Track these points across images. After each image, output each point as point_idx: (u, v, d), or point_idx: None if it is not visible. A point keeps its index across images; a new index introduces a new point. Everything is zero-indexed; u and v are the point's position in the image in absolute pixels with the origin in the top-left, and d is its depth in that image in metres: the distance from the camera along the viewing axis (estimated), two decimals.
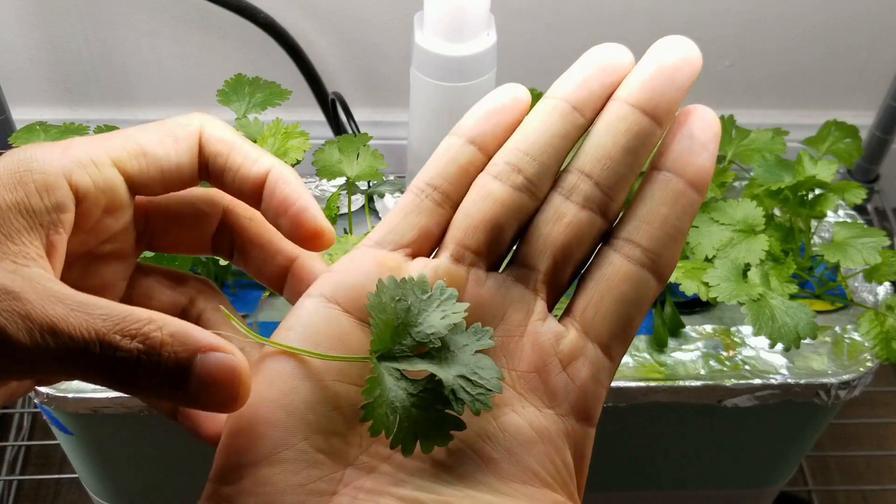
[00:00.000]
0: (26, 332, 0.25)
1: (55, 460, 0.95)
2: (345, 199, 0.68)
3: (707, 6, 0.91)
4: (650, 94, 0.28)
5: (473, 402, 0.26)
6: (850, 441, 0.99)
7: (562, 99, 0.29)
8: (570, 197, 0.29)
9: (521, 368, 0.28)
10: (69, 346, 0.25)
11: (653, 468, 0.75)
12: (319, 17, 0.90)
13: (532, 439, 0.27)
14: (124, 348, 0.25)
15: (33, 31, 0.91)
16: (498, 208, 0.29)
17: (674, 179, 0.29)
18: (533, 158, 0.29)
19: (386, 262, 0.29)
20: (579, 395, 0.28)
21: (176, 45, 0.92)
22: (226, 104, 0.65)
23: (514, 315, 0.29)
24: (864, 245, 0.61)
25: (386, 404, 0.26)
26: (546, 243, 0.29)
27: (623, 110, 0.29)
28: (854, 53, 0.97)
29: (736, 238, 0.62)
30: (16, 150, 0.28)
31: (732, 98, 0.98)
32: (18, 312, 0.25)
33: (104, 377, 0.25)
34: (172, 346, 0.25)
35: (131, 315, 0.26)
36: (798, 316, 0.58)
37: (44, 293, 0.25)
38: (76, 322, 0.25)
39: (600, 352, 0.29)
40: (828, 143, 0.69)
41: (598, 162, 0.29)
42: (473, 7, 0.60)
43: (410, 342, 0.27)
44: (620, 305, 0.29)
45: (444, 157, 0.30)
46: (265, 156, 0.30)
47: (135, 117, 0.97)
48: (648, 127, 0.29)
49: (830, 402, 0.64)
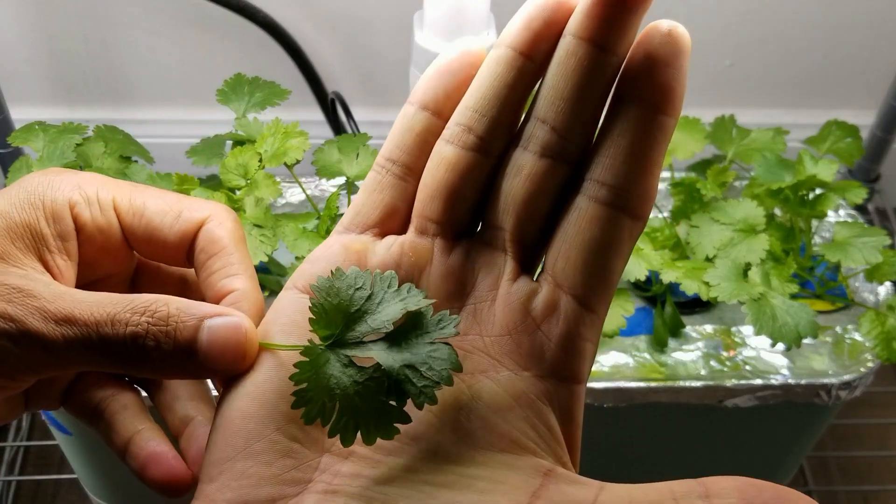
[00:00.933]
0: (44, 323, 0.26)
1: (54, 461, 0.95)
2: (344, 198, 0.68)
3: (707, 6, 0.91)
4: (597, 23, 0.26)
5: (418, 394, 0.25)
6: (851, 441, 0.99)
7: (507, 47, 0.27)
8: (527, 147, 0.27)
9: (494, 333, 0.27)
10: (84, 331, 0.27)
11: (653, 468, 0.75)
12: (319, 17, 0.90)
13: (508, 405, 0.26)
14: (135, 323, 0.27)
15: (32, 30, 0.91)
16: (451, 173, 0.28)
17: (635, 107, 0.26)
18: (482, 115, 0.27)
19: (353, 247, 0.29)
20: (557, 352, 0.27)
21: (175, 44, 0.92)
22: (225, 104, 0.65)
23: (484, 279, 0.28)
24: (865, 244, 0.61)
25: (324, 391, 0.25)
26: (508, 200, 0.28)
27: (572, 45, 0.26)
28: (855, 53, 0.97)
29: (736, 238, 0.62)
30: (39, 173, 0.31)
31: (733, 98, 0.98)
32: (35, 306, 0.27)
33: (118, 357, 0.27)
34: (179, 317, 0.27)
35: (138, 297, 0.28)
36: (799, 316, 0.58)
37: (55, 291, 0.27)
38: (87, 308, 0.27)
39: (576, 303, 0.27)
40: (828, 142, 0.69)
41: (551, 105, 0.27)
42: (473, 6, 0.60)
43: (365, 328, 0.26)
44: (590, 251, 0.27)
45: (400, 128, 0.29)
46: (241, 277, 0.31)
47: (134, 117, 0.97)
48: (600, 58, 0.26)
49: (831, 402, 0.63)
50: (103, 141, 0.64)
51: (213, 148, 0.64)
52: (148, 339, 0.27)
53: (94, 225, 0.31)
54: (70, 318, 0.27)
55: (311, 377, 0.26)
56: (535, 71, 0.27)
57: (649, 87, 0.26)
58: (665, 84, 0.26)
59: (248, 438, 0.26)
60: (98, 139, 0.64)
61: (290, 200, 0.72)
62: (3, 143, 0.78)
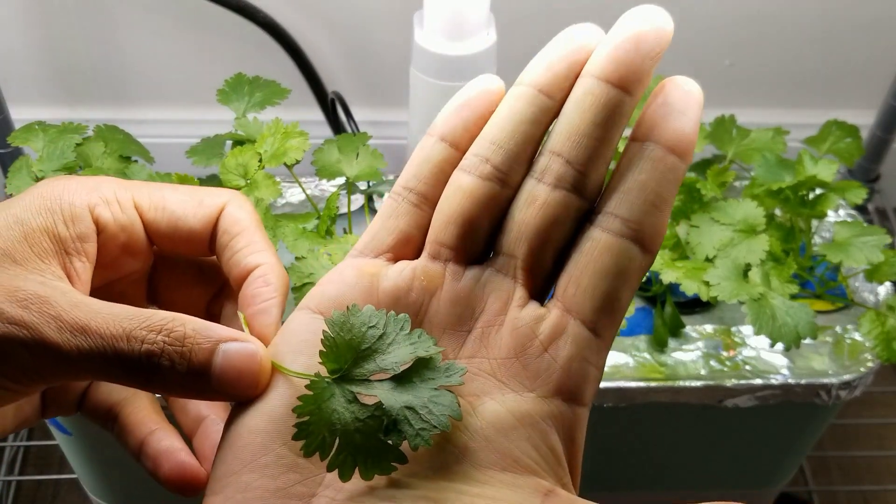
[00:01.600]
0: (58, 332, 0.26)
1: (54, 460, 0.95)
2: (344, 198, 0.68)
3: (707, 6, 0.91)
4: (615, 64, 0.27)
5: (415, 435, 0.26)
6: (851, 441, 0.99)
7: (527, 84, 0.29)
8: (542, 179, 0.28)
9: (500, 356, 0.28)
10: (98, 343, 0.27)
11: (653, 468, 0.75)
12: (319, 16, 0.90)
13: (511, 425, 0.27)
14: (150, 342, 0.27)
15: (33, 30, 0.91)
16: (467, 200, 0.29)
17: (650, 146, 0.28)
18: (499, 146, 0.29)
19: (366, 270, 0.29)
20: (563, 374, 0.27)
21: (175, 44, 0.92)
22: (225, 103, 0.65)
23: (493, 305, 0.29)
24: (865, 244, 0.61)
25: (326, 425, 0.26)
26: (521, 229, 0.28)
27: (589, 84, 0.28)
28: (855, 53, 0.97)
29: (736, 238, 0.62)
30: (52, 179, 0.31)
31: (732, 98, 0.98)
32: (51, 314, 0.27)
33: (131, 373, 0.27)
34: (195, 339, 0.27)
35: (155, 314, 0.28)
36: (799, 316, 0.58)
37: (72, 299, 0.27)
38: (104, 321, 0.27)
39: (584, 329, 0.28)
40: (828, 142, 0.69)
41: (567, 139, 0.28)
42: (473, 6, 0.60)
43: (373, 367, 0.27)
44: (601, 278, 0.28)
45: (418, 158, 0.30)
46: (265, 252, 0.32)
47: (134, 117, 0.97)
48: (616, 97, 0.28)
49: (831, 402, 0.63)
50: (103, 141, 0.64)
51: (213, 148, 0.64)
52: (163, 358, 0.27)
53: (117, 224, 0.31)
54: (86, 330, 0.27)
55: (314, 410, 0.26)
56: (553, 108, 0.29)
57: (667, 131, 0.28)
58: (681, 130, 0.28)
59: (255, 452, 0.26)
60: (98, 139, 0.64)
61: (289, 200, 0.72)
62: (3, 142, 0.78)
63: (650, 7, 0.28)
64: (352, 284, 0.29)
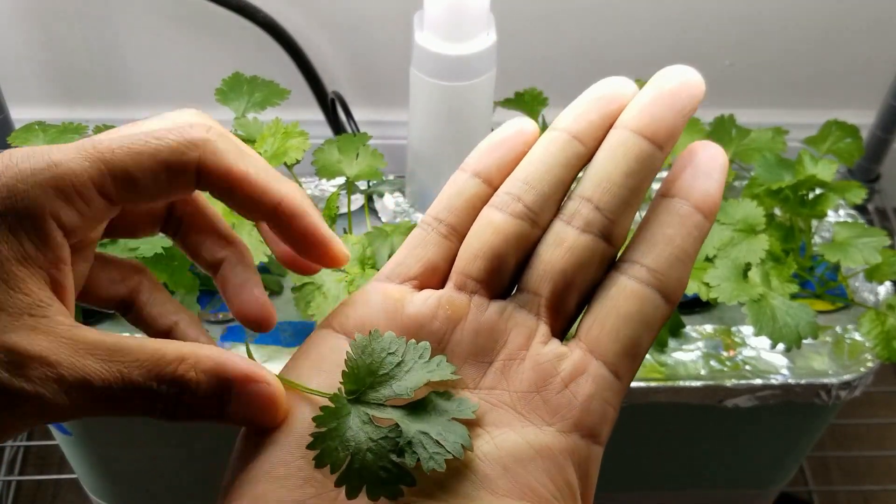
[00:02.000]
0: (64, 395, 0.25)
1: (54, 460, 0.95)
2: (344, 198, 0.68)
3: (707, 6, 0.91)
4: (649, 119, 0.29)
5: (428, 458, 0.26)
6: (851, 441, 0.99)
7: (562, 130, 0.30)
8: (571, 222, 0.29)
9: (521, 389, 0.28)
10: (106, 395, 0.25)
11: (653, 468, 0.75)
12: (319, 16, 0.90)
13: (530, 456, 0.27)
14: (162, 393, 0.26)
15: (32, 30, 0.91)
16: (497, 236, 0.29)
17: (678, 202, 0.29)
18: (531, 187, 0.30)
19: (391, 294, 0.30)
20: (582, 411, 0.28)
21: (175, 44, 0.92)
22: (224, 103, 0.65)
23: (515, 339, 0.29)
24: (865, 245, 0.61)
25: (339, 440, 0.26)
26: (547, 269, 0.29)
27: (622, 135, 0.29)
28: (855, 53, 0.97)
29: (736, 238, 0.62)
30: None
31: (732, 97, 0.98)
32: (52, 377, 0.25)
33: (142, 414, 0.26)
34: (208, 385, 0.26)
35: (163, 357, 0.26)
36: (799, 316, 0.58)
37: (71, 348, 0.25)
38: (110, 375, 0.25)
39: (606, 370, 0.28)
40: (828, 142, 0.69)
41: (597, 186, 0.29)
42: (473, 7, 0.60)
43: (388, 392, 0.28)
44: (625, 323, 0.28)
45: (450, 191, 0.31)
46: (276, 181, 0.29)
47: (133, 116, 0.97)
48: (648, 150, 0.29)
49: (831, 402, 0.63)
50: None
51: None
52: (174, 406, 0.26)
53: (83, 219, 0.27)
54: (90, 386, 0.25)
55: (332, 424, 0.27)
56: (585, 154, 0.30)
57: (695, 191, 0.29)
58: (707, 191, 0.29)
59: (274, 464, 0.27)
60: None
61: None
62: (3, 143, 0.78)
63: (683, 66, 0.30)
64: (376, 308, 0.29)
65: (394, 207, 0.72)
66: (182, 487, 0.75)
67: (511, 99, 0.71)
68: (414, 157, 0.69)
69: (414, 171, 0.70)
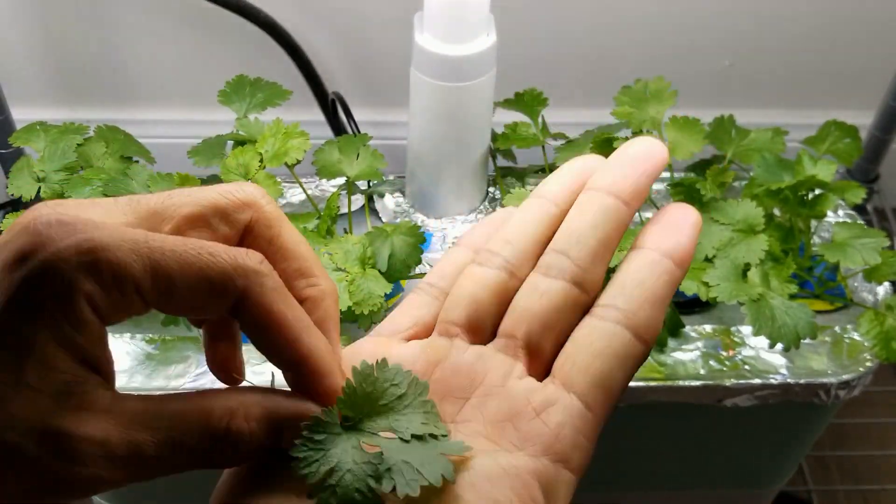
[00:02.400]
0: (118, 470, 0.25)
1: None
2: (345, 198, 0.68)
3: (707, 6, 0.91)
4: (613, 178, 0.32)
5: (405, 484, 0.27)
6: (850, 441, 0.99)
7: (542, 198, 0.33)
8: (546, 273, 0.31)
9: (495, 420, 0.29)
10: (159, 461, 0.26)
11: (653, 468, 0.75)
12: (319, 17, 0.90)
13: (497, 474, 0.28)
14: (217, 450, 0.26)
15: (33, 31, 0.91)
16: (475, 285, 0.32)
17: (648, 251, 0.31)
18: (508, 242, 0.32)
19: (381, 342, 0.32)
20: (552, 437, 0.29)
21: (176, 45, 0.92)
22: (227, 104, 0.65)
23: (492, 378, 0.30)
24: (864, 245, 0.61)
25: (323, 454, 0.27)
26: (523, 314, 0.31)
27: (590, 194, 0.32)
28: (854, 53, 0.97)
29: (736, 238, 0.62)
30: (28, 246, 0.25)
31: (732, 98, 0.98)
32: (104, 456, 0.25)
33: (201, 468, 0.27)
34: (262, 432, 0.27)
35: (212, 414, 0.26)
36: (798, 316, 0.58)
37: (118, 422, 0.25)
38: (161, 443, 0.25)
39: (577, 401, 0.29)
40: (827, 142, 0.69)
41: (568, 237, 0.31)
42: (473, 7, 0.60)
43: (384, 425, 0.28)
44: (595, 358, 0.30)
45: (445, 261, 0.34)
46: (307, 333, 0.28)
47: (135, 117, 0.97)
48: (614, 204, 0.31)
49: (830, 401, 0.64)
50: (104, 141, 0.64)
51: (214, 148, 0.64)
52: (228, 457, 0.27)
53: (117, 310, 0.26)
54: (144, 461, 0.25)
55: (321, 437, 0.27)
56: (560, 215, 0.33)
57: (667, 241, 0.31)
58: (678, 242, 0.31)
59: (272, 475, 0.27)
60: (99, 139, 0.64)
61: (290, 200, 0.72)
62: (5, 143, 0.78)
63: (647, 137, 0.33)
64: (366, 353, 0.30)
65: (394, 207, 0.72)
66: (181, 487, 0.75)
67: (511, 99, 0.71)
68: (414, 158, 0.69)
69: (414, 172, 0.70)
